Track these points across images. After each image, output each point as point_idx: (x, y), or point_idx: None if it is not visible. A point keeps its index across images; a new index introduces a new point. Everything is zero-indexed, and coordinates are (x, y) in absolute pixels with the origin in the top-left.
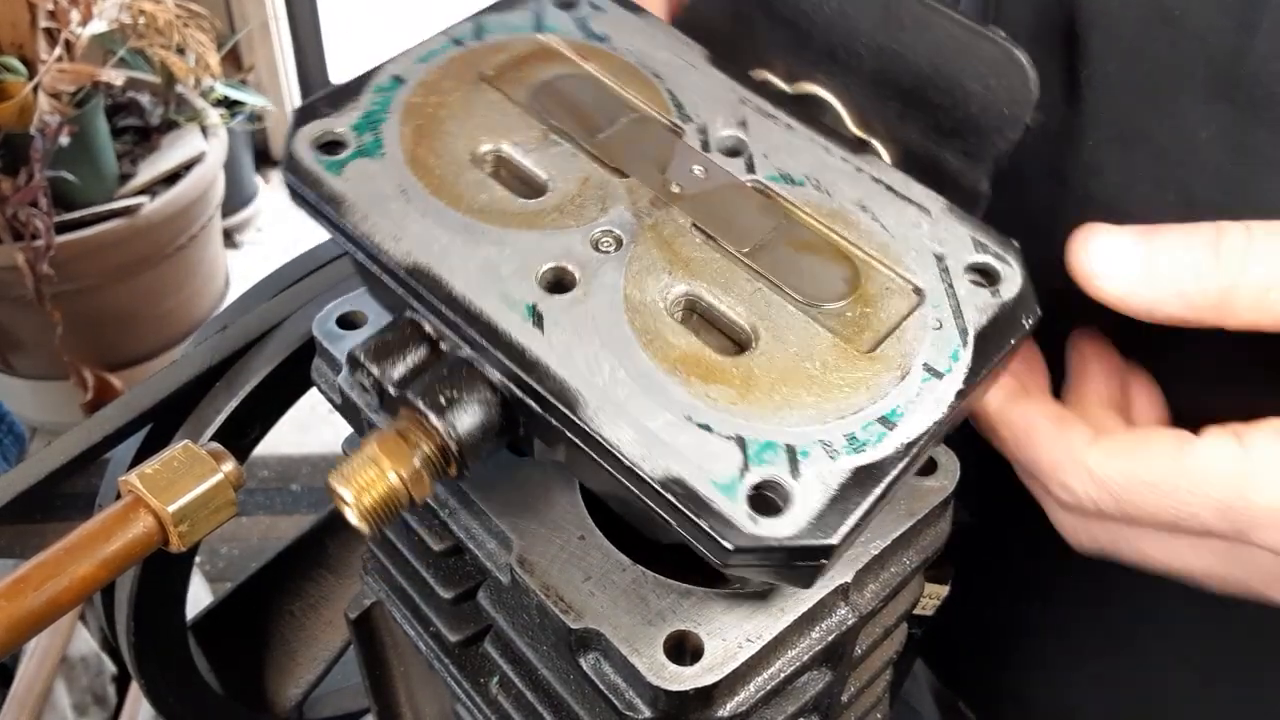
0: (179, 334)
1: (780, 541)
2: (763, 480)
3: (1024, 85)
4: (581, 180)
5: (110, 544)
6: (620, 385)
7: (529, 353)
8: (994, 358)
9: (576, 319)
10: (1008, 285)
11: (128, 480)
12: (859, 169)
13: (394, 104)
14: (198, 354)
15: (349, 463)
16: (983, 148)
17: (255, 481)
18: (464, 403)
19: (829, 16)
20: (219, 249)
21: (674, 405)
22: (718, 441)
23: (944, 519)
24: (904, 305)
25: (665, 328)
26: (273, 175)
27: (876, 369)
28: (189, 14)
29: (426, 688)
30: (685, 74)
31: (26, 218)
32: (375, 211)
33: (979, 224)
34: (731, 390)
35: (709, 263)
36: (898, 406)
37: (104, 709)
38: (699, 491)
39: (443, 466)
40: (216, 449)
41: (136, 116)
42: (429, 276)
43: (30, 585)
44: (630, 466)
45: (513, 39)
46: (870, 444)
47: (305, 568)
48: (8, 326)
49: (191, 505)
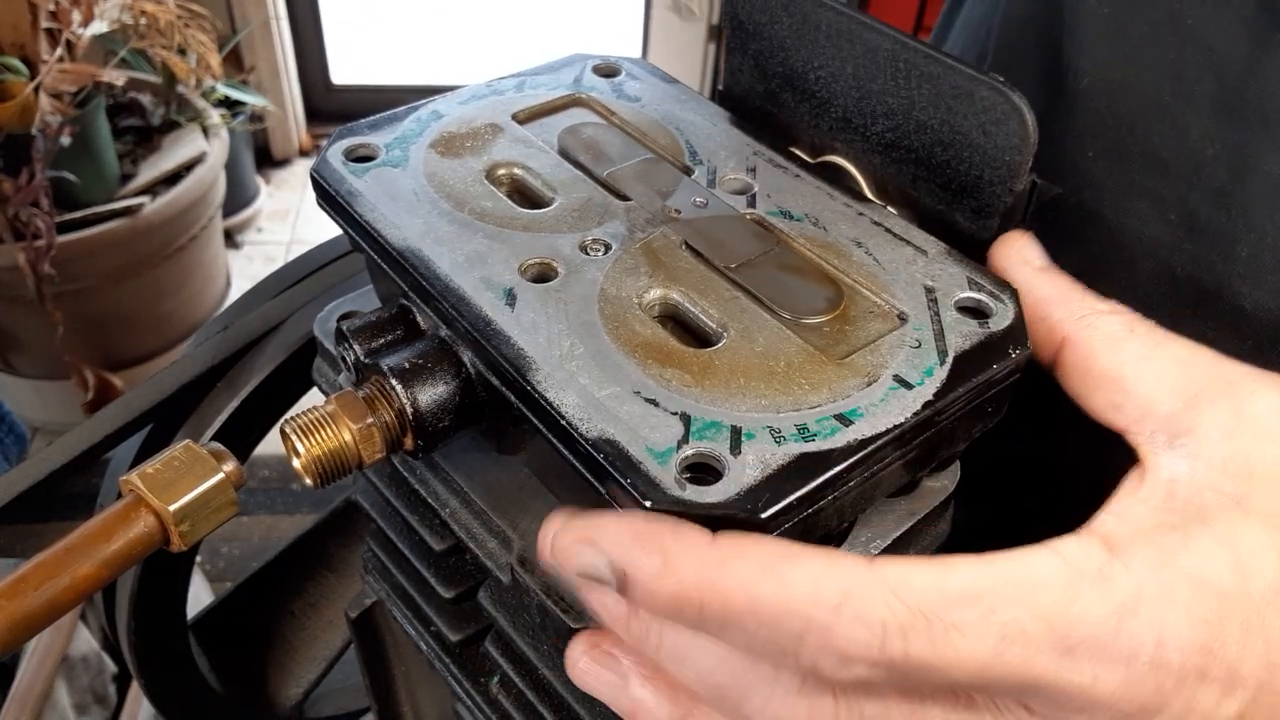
0: (180, 334)
1: (704, 509)
2: (700, 453)
3: (1022, 130)
4: (585, 200)
5: (111, 544)
6: (576, 359)
7: (494, 323)
8: (973, 379)
9: (548, 302)
10: (997, 319)
11: (129, 480)
12: (860, 213)
13: (428, 131)
14: (199, 354)
15: (307, 414)
16: (991, 203)
17: (256, 481)
18: (427, 374)
19: (846, 83)
20: (220, 249)
21: (625, 380)
22: (661, 415)
23: (944, 519)
24: (885, 327)
25: (634, 318)
26: (274, 176)
27: (843, 374)
28: (190, 14)
29: (427, 687)
30: (705, 129)
31: (28, 218)
32: (384, 204)
33: (978, 267)
34: (688, 375)
35: (691, 272)
36: (859, 407)
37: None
38: (630, 454)
39: (399, 435)
40: (217, 448)
41: (138, 117)
42: (420, 257)
43: (31, 585)
44: (567, 427)
45: (550, 94)
46: (821, 435)
47: (306, 567)
48: (9, 326)
49: (192, 505)
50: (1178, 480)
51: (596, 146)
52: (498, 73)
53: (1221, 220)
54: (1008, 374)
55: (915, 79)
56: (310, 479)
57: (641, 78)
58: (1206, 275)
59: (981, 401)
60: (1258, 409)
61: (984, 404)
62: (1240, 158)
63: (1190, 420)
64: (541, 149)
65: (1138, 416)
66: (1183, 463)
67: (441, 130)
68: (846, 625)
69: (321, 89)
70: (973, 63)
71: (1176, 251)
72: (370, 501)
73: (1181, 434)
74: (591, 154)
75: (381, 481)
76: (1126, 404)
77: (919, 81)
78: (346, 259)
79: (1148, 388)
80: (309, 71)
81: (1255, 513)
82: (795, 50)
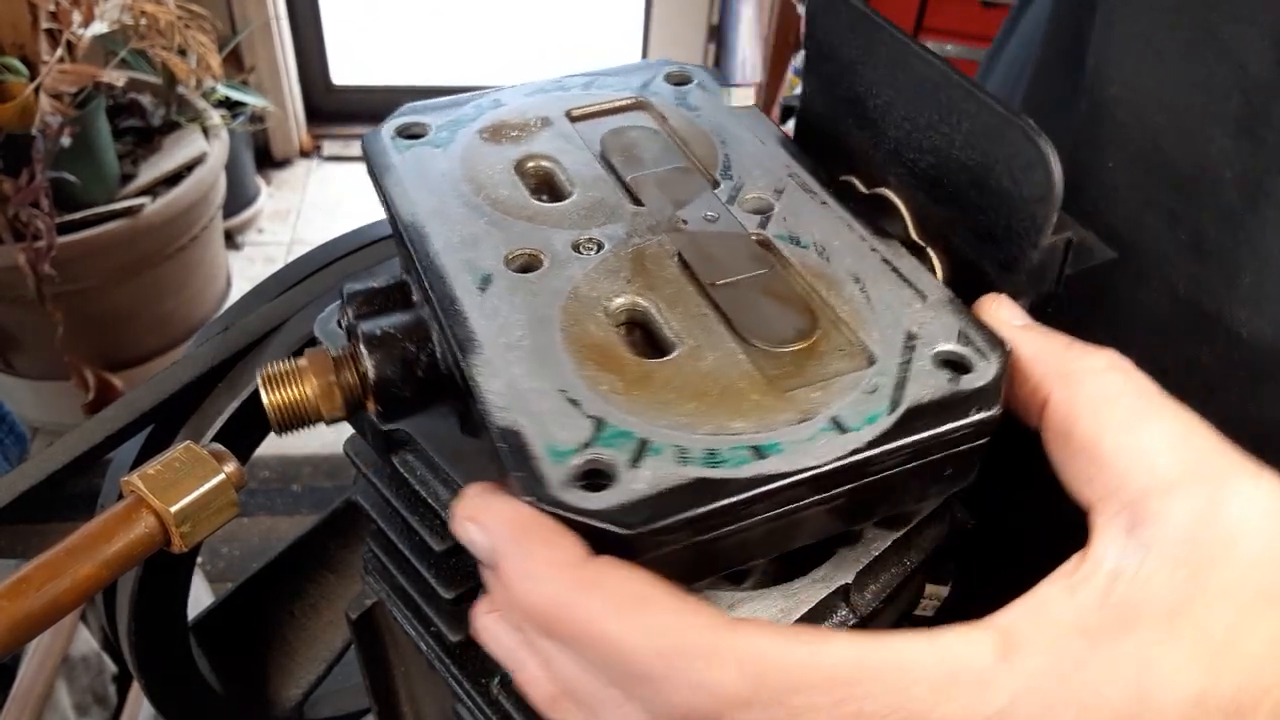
0: (180, 335)
1: (579, 514)
2: (599, 459)
3: (1047, 180)
4: (598, 199)
5: (112, 544)
6: (518, 350)
7: (459, 303)
8: (919, 434)
9: (519, 292)
10: (972, 378)
11: (129, 481)
12: (874, 249)
13: (482, 117)
14: (199, 354)
15: (280, 364)
16: (1017, 257)
17: (256, 482)
18: (395, 344)
19: (898, 112)
20: (220, 250)
21: (556, 377)
22: (577, 416)
23: (944, 519)
24: (847, 366)
25: (591, 320)
26: (274, 176)
27: (778, 406)
28: (190, 15)
29: (427, 688)
30: (750, 145)
31: (28, 218)
32: (410, 180)
33: (978, 323)
34: (621, 382)
35: (670, 282)
36: (780, 442)
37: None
38: (529, 449)
39: (360, 398)
40: (218, 449)
41: (138, 117)
42: (420, 233)
43: (32, 585)
44: (484, 412)
45: (614, 95)
46: (728, 463)
47: (306, 568)
48: (9, 327)
49: (193, 506)
50: (1120, 575)
51: (634, 150)
52: (497, 73)
53: (1229, 244)
54: (965, 436)
55: (956, 114)
56: (272, 424)
57: (710, 89)
58: (1208, 299)
59: (933, 461)
60: (1235, 509)
61: (937, 464)
62: (1255, 182)
63: (1158, 507)
64: (580, 146)
65: (1104, 494)
66: (1133, 556)
67: (494, 118)
68: (682, 686)
69: (322, 89)
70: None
71: (1182, 271)
72: (370, 502)
73: (1143, 522)
74: (625, 156)
75: (381, 482)
76: (1098, 478)
77: (959, 117)
78: (348, 259)
79: (1124, 463)
80: (309, 72)
81: (1189, 629)
82: (859, 74)
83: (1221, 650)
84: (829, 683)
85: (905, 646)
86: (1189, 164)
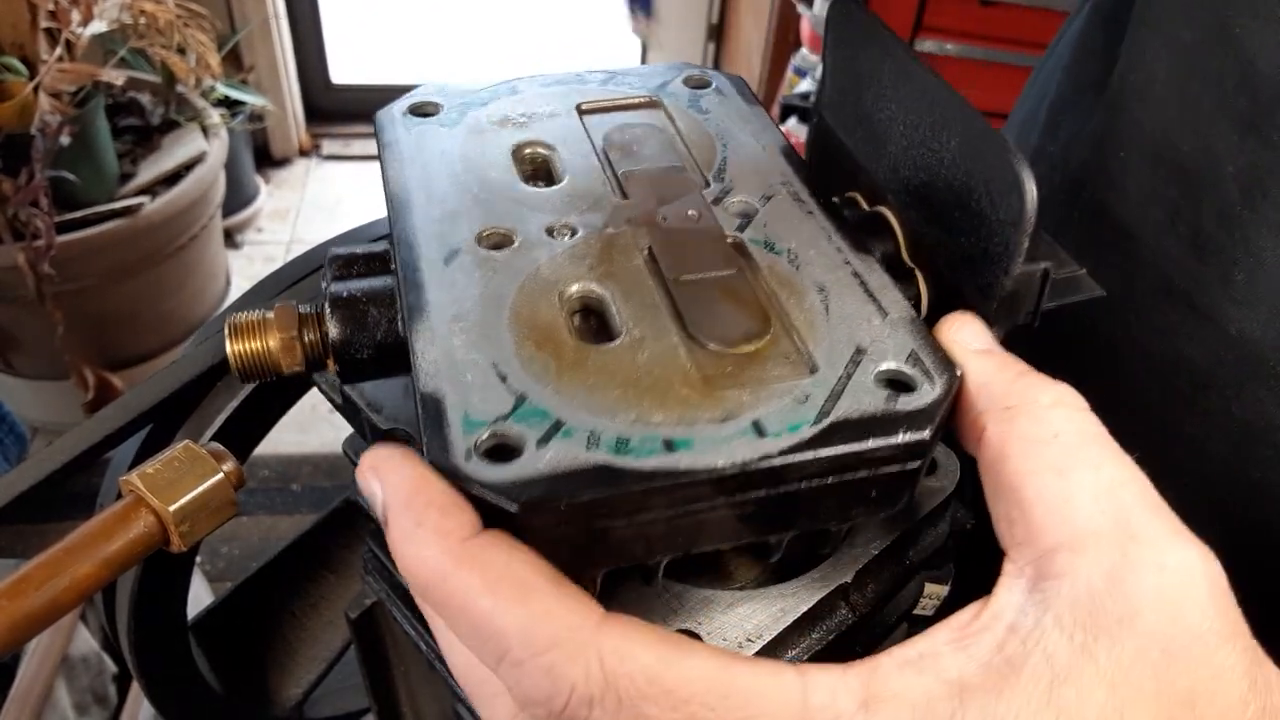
0: (180, 334)
1: (471, 484)
2: (508, 434)
3: (1020, 205)
4: (583, 189)
5: (111, 544)
6: (464, 323)
7: (420, 273)
8: (839, 448)
9: (481, 269)
10: (910, 399)
11: (129, 480)
12: (846, 261)
13: (494, 102)
14: (199, 354)
15: (247, 315)
16: (990, 283)
17: (256, 481)
18: (359, 307)
19: (899, 126)
20: (220, 249)
21: (491, 351)
22: (501, 391)
23: (944, 519)
24: (787, 373)
25: (544, 301)
26: (273, 175)
27: (704, 404)
28: (189, 14)
29: (427, 688)
30: (750, 152)
31: (27, 217)
32: (408, 155)
33: (933, 346)
34: (554, 363)
35: (631, 273)
36: (693, 439)
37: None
38: (446, 414)
39: (321, 356)
40: (217, 449)
41: (137, 116)
42: (403, 203)
43: (31, 585)
44: (416, 374)
45: (630, 92)
46: (636, 454)
47: (306, 567)
48: (8, 326)
49: (192, 505)
50: (1017, 631)
51: (633, 146)
52: (497, 73)
53: (1225, 241)
54: (892, 456)
55: (947, 129)
56: (234, 372)
57: (726, 94)
58: (1201, 296)
59: (856, 480)
60: (1146, 578)
61: (860, 483)
62: (1255, 179)
63: (1065, 564)
64: (582, 138)
65: (1019, 541)
66: (1032, 612)
67: (507, 105)
68: (536, 672)
69: (321, 88)
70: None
71: (1178, 266)
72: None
73: (1048, 576)
74: (623, 151)
75: None
76: (1018, 522)
77: (949, 134)
78: None
79: (1045, 511)
80: (308, 71)
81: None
82: (869, 85)
83: None
84: (672, 699)
85: (768, 679)
86: (1194, 156)
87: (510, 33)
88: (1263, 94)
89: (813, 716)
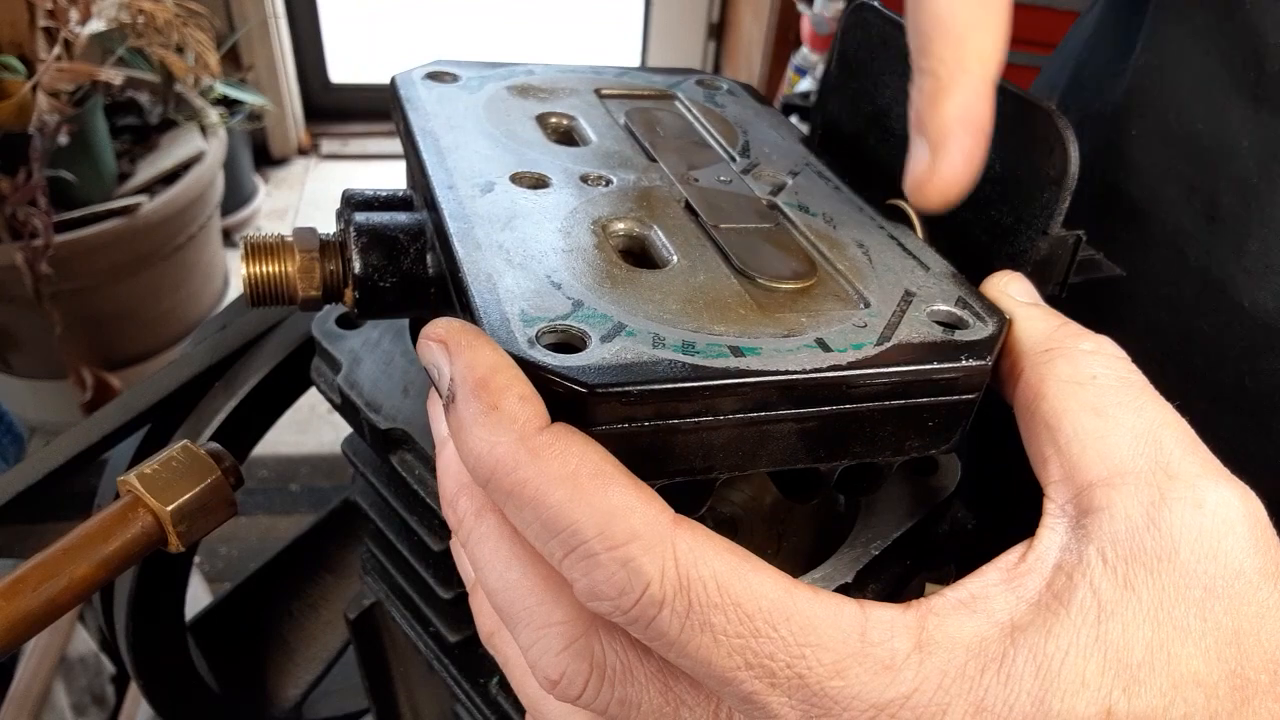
0: (178, 333)
1: (539, 368)
2: (569, 329)
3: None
4: (614, 150)
5: (109, 544)
6: (510, 240)
7: (462, 203)
8: (904, 366)
9: (518, 201)
10: (967, 333)
11: (127, 480)
12: (880, 226)
13: (514, 80)
14: (197, 354)
15: (265, 236)
16: (1025, 249)
17: (254, 481)
18: (386, 237)
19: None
20: (218, 248)
21: (540, 268)
22: (557, 295)
23: (944, 519)
24: (841, 307)
25: (588, 233)
26: (272, 174)
27: (764, 321)
28: (188, 13)
29: (426, 688)
30: (770, 136)
31: (25, 217)
32: (431, 110)
33: (978, 295)
34: (608, 280)
35: (671, 216)
36: (759, 347)
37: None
38: (504, 308)
39: (340, 283)
40: (215, 449)
41: (135, 116)
42: (432, 148)
43: (29, 585)
44: (465, 286)
45: (644, 85)
46: (702, 354)
47: (304, 568)
48: (7, 326)
49: (190, 505)
50: (1062, 568)
51: (656, 124)
52: None
53: (1241, 212)
54: (952, 383)
55: None
56: (246, 295)
57: (738, 95)
58: (1215, 267)
59: (914, 405)
60: (1185, 513)
61: (920, 410)
62: (1271, 152)
63: (1104, 499)
64: (604, 114)
65: (1059, 479)
66: (1075, 547)
67: (525, 80)
68: (612, 564)
69: (320, 87)
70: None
71: (1193, 241)
72: (369, 502)
73: (1091, 512)
74: (646, 127)
75: (379, 481)
76: (1054, 460)
77: None
78: None
79: (1081, 448)
80: (307, 70)
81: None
82: (886, 87)
83: (1137, 671)
84: (739, 611)
85: (831, 608)
86: (1208, 132)
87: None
88: (1273, 67)
89: (869, 652)
